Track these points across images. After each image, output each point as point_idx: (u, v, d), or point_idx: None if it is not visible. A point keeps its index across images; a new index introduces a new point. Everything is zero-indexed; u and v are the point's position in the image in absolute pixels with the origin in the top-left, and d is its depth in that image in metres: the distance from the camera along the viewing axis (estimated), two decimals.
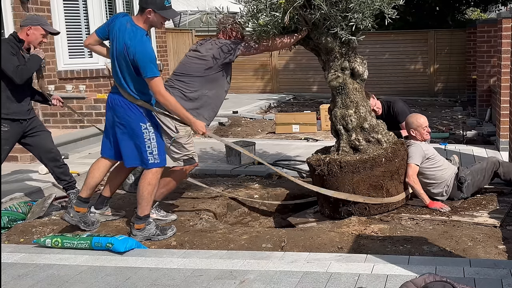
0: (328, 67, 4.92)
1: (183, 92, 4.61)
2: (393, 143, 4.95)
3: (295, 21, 4.63)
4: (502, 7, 17.05)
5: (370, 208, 4.81)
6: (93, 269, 3.75)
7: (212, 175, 6.54)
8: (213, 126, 10.27)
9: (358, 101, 4.93)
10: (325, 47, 4.82)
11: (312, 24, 4.66)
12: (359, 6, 4.43)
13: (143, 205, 4.37)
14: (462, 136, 8.69)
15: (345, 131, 4.94)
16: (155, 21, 4.24)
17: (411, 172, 4.95)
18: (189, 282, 3.48)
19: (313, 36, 4.79)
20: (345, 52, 4.86)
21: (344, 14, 4.48)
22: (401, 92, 14.75)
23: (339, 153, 4.91)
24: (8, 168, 6.50)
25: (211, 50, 4.66)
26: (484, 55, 10.39)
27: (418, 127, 5.12)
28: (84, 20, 9.31)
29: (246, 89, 15.75)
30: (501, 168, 5.17)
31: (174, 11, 4.34)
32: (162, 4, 4.17)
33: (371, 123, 4.95)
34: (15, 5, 8.00)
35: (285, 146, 8.12)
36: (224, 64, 4.68)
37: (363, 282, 3.34)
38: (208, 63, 4.63)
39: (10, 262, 3.93)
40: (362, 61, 4.92)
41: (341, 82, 4.88)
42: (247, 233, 4.48)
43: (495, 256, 3.90)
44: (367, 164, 4.73)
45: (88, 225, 4.50)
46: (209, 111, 4.74)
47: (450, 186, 5.10)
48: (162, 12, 4.19)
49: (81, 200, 4.50)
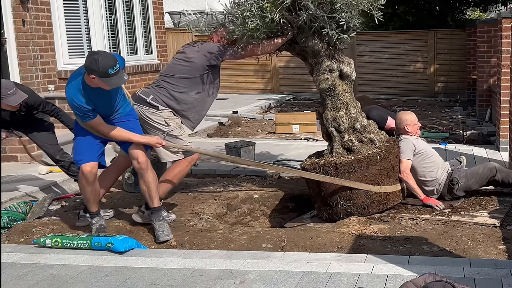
0: (316, 69, 4.93)
1: (170, 92, 4.65)
2: (386, 141, 4.97)
3: (281, 25, 4.65)
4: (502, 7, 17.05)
5: (369, 207, 4.81)
6: (93, 269, 3.76)
7: (212, 175, 6.54)
8: (213, 126, 10.28)
9: (348, 102, 4.93)
10: (312, 50, 4.83)
11: (297, 28, 4.68)
12: (345, 6, 4.44)
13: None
14: (462, 136, 8.68)
15: (337, 133, 4.94)
16: (100, 84, 4.14)
17: (403, 167, 4.99)
18: (189, 282, 3.48)
19: (299, 39, 4.81)
20: (332, 54, 4.87)
21: (331, 15, 4.49)
22: (401, 92, 14.76)
23: (333, 155, 4.91)
24: (8, 168, 6.50)
25: (197, 53, 4.67)
26: (484, 55, 10.38)
27: (412, 122, 5.20)
28: (84, 20, 9.30)
29: (246, 89, 15.75)
30: (498, 175, 5.14)
31: (119, 78, 4.09)
32: (105, 72, 4.02)
33: (363, 123, 4.95)
34: (15, 5, 8.00)
35: (285, 146, 8.11)
36: (210, 67, 4.69)
37: (363, 282, 3.34)
38: (193, 65, 4.65)
39: (10, 262, 3.93)
40: (349, 62, 4.95)
41: (330, 84, 4.88)
42: (247, 233, 4.48)
43: (495, 256, 3.91)
44: (363, 163, 4.74)
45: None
46: (194, 114, 4.79)
47: (442, 185, 5.10)
48: (105, 80, 4.07)
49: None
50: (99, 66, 4.00)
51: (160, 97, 4.63)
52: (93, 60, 4.03)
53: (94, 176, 4.45)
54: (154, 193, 4.49)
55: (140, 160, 4.43)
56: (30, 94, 5.25)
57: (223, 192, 5.63)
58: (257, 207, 5.54)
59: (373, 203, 4.83)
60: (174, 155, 4.69)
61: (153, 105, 4.60)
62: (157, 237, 4.39)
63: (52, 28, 8.75)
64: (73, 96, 4.17)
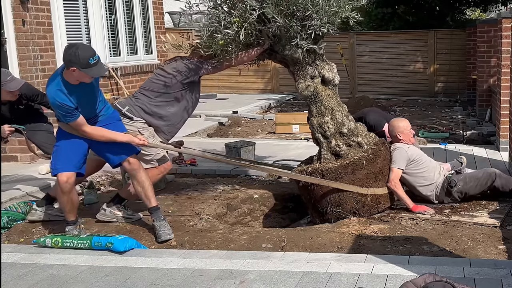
0: (297, 77, 4.90)
1: (146, 105, 4.74)
2: (373, 144, 4.93)
3: (255, 37, 4.63)
4: (502, 7, 17.04)
5: (359, 212, 4.80)
6: (93, 269, 3.76)
7: (212, 175, 6.54)
8: (213, 126, 10.28)
9: (333, 107, 4.90)
10: (291, 58, 4.82)
11: (274, 37, 4.67)
12: (316, 13, 4.40)
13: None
14: (462, 136, 8.68)
15: (324, 138, 4.92)
16: (81, 77, 4.13)
17: (393, 176, 4.92)
18: (189, 282, 3.48)
19: (277, 49, 4.79)
20: (312, 61, 4.84)
21: (302, 23, 4.46)
22: (401, 92, 14.75)
23: (321, 161, 4.90)
24: (8, 168, 6.50)
25: (174, 69, 4.77)
26: (484, 55, 10.38)
27: (404, 129, 5.15)
28: (84, 20, 9.30)
29: (246, 89, 15.75)
30: (498, 181, 5.02)
31: (100, 67, 4.14)
32: (86, 62, 4.03)
33: (350, 127, 4.92)
34: (15, 5, 8.00)
35: (285, 146, 8.11)
36: (188, 83, 4.78)
37: (363, 282, 3.34)
38: (171, 81, 4.74)
39: (10, 262, 3.93)
40: (330, 67, 4.92)
41: (312, 91, 4.87)
42: (247, 233, 4.48)
43: (495, 256, 3.91)
44: (349, 168, 4.72)
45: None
46: (169, 126, 4.87)
47: (439, 188, 5.05)
48: (86, 71, 4.07)
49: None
50: (79, 57, 4.01)
51: (136, 109, 4.73)
52: (72, 52, 4.04)
53: (70, 186, 4.37)
54: (150, 192, 4.49)
55: (131, 161, 4.43)
56: (27, 85, 5.37)
57: (223, 192, 5.63)
58: (257, 207, 5.54)
59: (363, 207, 4.80)
60: (148, 164, 4.73)
61: (127, 115, 4.70)
62: (158, 236, 4.38)
63: (52, 28, 8.75)
64: (54, 95, 4.14)
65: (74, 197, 4.48)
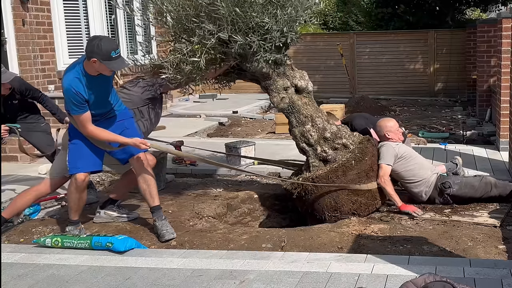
0: (270, 91, 4.89)
1: None
2: (358, 143, 4.93)
3: (219, 60, 4.62)
4: (502, 7, 17.03)
5: (358, 212, 4.80)
6: (93, 269, 3.76)
7: (212, 175, 6.54)
8: (213, 126, 10.28)
9: (312, 114, 4.89)
10: (261, 74, 4.80)
11: (239, 56, 4.65)
12: (275, 25, 4.38)
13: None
14: (462, 136, 8.68)
15: (309, 147, 4.91)
16: (101, 69, 4.15)
17: (382, 172, 4.91)
18: (189, 282, 3.48)
19: (245, 67, 4.78)
20: (282, 72, 4.83)
21: (263, 37, 4.43)
22: (401, 92, 14.74)
23: (311, 170, 4.89)
24: (8, 168, 6.50)
25: (135, 87, 5.10)
26: (484, 55, 10.38)
27: (392, 128, 5.16)
28: (84, 20, 9.31)
29: (246, 89, 15.67)
30: (494, 191, 4.99)
31: (120, 62, 4.17)
32: (108, 55, 4.05)
33: (332, 131, 4.90)
34: (15, 5, 8.01)
35: (285, 146, 8.10)
36: (150, 99, 5.10)
37: (363, 282, 3.34)
38: (132, 98, 5.02)
39: (10, 262, 3.93)
40: (301, 75, 4.91)
41: (288, 102, 4.86)
42: (247, 233, 4.48)
43: (495, 256, 3.91)
44: (339, 172, 4.72)
45: None
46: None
47: (431, 188, 5.02)
48: (107, 63, 4.09)
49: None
50: (101, 48, 4.04)
51: None
52: (95, 44, 4.06)
53: (86, 185, 4.41)
54: (154, 190, 4.50)
55: (139, 158, 4.45)
56: (19, 79, 5.44)
57: (223, 192, 5.63)
58: (257, 207, 5.54)
59: (360, 207, 4.80)
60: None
61: None
62: (161, 236, 4.38)
63: (52, 28, 8.76)
64: (71, 82, 4.14)
65: (84, 196, 4.51)
